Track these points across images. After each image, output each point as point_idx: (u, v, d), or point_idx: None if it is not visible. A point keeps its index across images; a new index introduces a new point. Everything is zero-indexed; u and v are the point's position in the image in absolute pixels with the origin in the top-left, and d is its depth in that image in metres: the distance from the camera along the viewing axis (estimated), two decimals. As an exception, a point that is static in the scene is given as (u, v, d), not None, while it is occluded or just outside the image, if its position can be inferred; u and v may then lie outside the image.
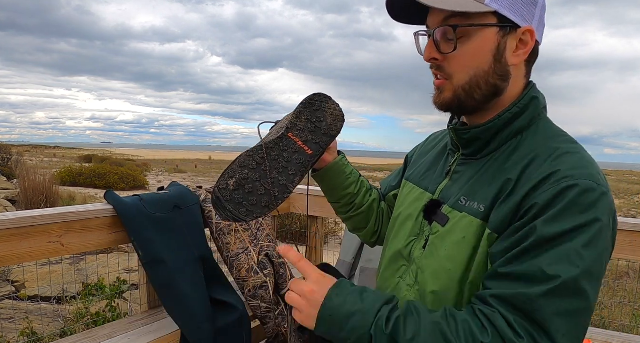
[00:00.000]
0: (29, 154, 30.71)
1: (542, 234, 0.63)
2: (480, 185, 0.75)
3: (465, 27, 0.71)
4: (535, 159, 0.70)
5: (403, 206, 0.92)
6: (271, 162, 0.82)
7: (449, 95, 0.75)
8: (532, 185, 0.67)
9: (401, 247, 0.86)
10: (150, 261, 1.59)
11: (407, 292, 0.82)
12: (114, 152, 56.06)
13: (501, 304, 0.64)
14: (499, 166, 0.75)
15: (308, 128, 0.86)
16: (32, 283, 3.35)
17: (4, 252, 1.33)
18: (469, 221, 0.73)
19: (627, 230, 1.75)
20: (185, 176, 20.81)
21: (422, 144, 1.06)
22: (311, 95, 0.89)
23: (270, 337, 1.84)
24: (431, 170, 0.91)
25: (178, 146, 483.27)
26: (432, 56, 0.75)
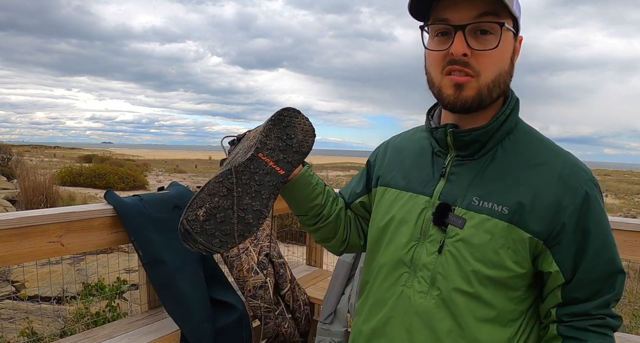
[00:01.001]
0: (29, 154, 30.72)
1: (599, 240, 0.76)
2: (490, 186, 0.78)
3: (504, 26, 0.73)
4: (546, 164, 0.78)
5: (391, 212, 0.88)
6: (242, 187, 0.77)
7: (472, 93, 0.75)
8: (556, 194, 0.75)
9: (401, 254, 0.84)
10: (150, 261, 1.59)
11: (421, 299, 0.80)
12: (114, 152, 56.05)
13: (607, 312, 0.77)
14: (505, 167, 0.79)
15: (279, 147, 0.81)
16: (32, 283, 3.35)
17: (4, 252, 1.33)
18: (494, 223, 0.75)
19: (627, 230, 1.75)
20: (185, 176, 20.81)
21: (384, 148, 1.03)
22: (280, 111, 0.83)
23: (270, 337, 1.84)
24: (414, 172, 0.89)
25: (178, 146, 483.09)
26: (465, 51, 0.73)
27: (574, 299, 0.76)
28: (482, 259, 0.75)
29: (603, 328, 0.75)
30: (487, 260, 0.75)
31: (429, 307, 0.79)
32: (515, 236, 0.74)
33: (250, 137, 0.87)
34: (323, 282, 2.29)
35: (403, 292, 0.83)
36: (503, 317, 0.77)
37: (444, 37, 0.76)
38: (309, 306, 2.07)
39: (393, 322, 0.83)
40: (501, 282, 0.76)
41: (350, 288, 1.99)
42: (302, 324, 2.00)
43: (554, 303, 0.78)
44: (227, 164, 0.81)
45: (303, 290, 2.09)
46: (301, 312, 2.00)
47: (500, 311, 0.77)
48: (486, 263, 0.75)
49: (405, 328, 0.81)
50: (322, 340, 1.98)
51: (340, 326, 1.95)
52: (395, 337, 0.82)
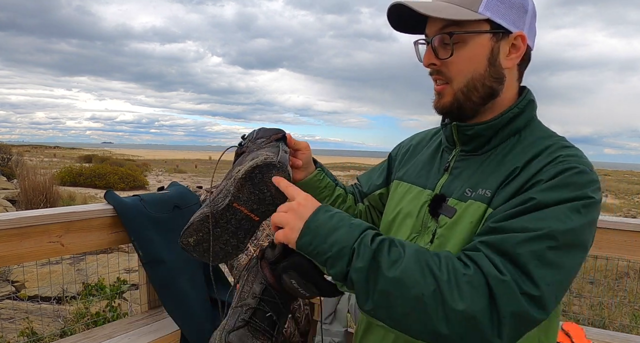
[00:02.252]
0: (29, 154, 30.72)
1: (538, 200, 0.67)
2: (484, 176, 0.78)
3: (460, 34, 0.76)
4: (540, 154, 0.74)
5: (400, 205, 0.91)
6: (221, 228, 0.86)
7: (449, 99, 0.80)
8: (535, 170, 0.71)
9: None
10: (150, 261, 1.59)
11: None
12: (114, 152, 56.06)
13: (486, 247, 0.66)
14: (501, 159, 0.79)
15: (252, 199, 0.84)
16: (32, 283, 3.35)
17: (4, 252, 1.33)
18: (477, 206, 0.75)
19: (627, 230, 1.75)
20: (185, 176, 20.81)
21: (407, 143, 1.06)
22: (250, 169, 0.82)
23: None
24: (425, 168, 0.92)
25: (178, 146, 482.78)
26: (431, 61, 0.80)
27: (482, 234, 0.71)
28: (462, 244, 0.74)
29: (470, 257, 0.66)
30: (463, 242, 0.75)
31: None
32: (487, 213, 0.73)
33: (231, 175, 0.87)
34: (323, 282, 2.29)
35: None
36: None
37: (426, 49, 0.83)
38: (309, 306, 2.08)
39: None
40: None
41: (350, 288, 1.99)
42: (302, 324, 2.00)
43: None
44: (210, 202, 0.86)
45: (303, 290, 2.09)
46: (301, 312, 2.00)
47: None
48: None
49: None
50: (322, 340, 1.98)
51: (340, 326, 1.95)
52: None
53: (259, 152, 0.87)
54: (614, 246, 1.77)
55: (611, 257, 1.94)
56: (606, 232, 1.77)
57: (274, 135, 0.93)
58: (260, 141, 0.92)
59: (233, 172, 0.87)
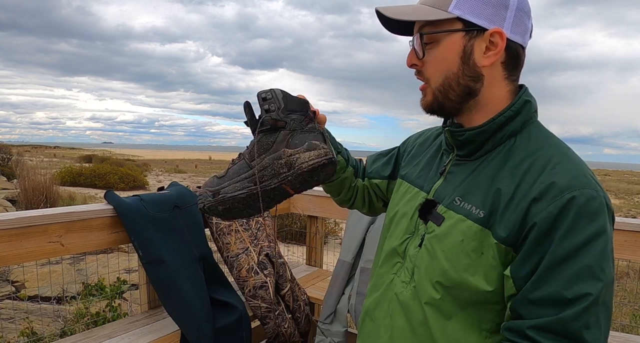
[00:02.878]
0: (29, 154, 30.69)
1: (559, 253, 0.64)
2: (474, 187, 0.76)
3: (431, 34, 0.77)
4: (531, 168, 0.71)
5: (399, 205, 0.93)
6: (262, 201, 0.89)
7: (430, 97, 0.81)
8: (532, 197, 0.68)
9: (396, 244, 0.88)
10: (150, 261, 1.59)
11: (402, 288, 0.84)
12: (114, 152, 56.04)
13: (541, 334, 0.65)
14: (494, 171, 0.76)
15: (301, 183, 0.88)
16: (32, 283, 3.35)
17: (4, 252, 1.33)
18: (468, 225, 0.74)
19: (627, 230, 1.75)
20: (185, 176, 20.80)
21: (414, 140, 1.06)
22: (317, 165, 0.85)
23: (270, 337, 1.84)
24: (426, 169, 0.92)
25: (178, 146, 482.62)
26: (412, 62, 0.82)
27: (515, 312, 0.68)
28: (451, 259, 0.74)
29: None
30: (456, 262, 0.73)
31: (406, 296, 0.82)
32: (487, 242, 0.71)
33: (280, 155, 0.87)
34: (323, 282, 2.29)
35: (393, 279, 0.87)
36: (477, 325, 0.75)
37: None
38: (309, 306, 2.08)
39: (381, 305, 0.89)
40: (472, 290, 0.73)
41: (350, 288, 1.99)
42: (302, 324, 2.00)
43: (509, 308, 0.70)
44: (254, 180, 0.88)
45: (303, 290, 2.09)
46: (301, 312, 2.00)
47: (474, 319, 0.75)
48: (455, 265, 0.74)
49: (389, 314, 0.86)
50: (322, 340, 1.98)
51: (340, 326, 1.95)
52: (380, 320, 0.88)
53: (308, 138, 0.88)
54: (614, 246, 1.77)
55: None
56: (606, 232, 1.77)
57: (310, 113, 0.92)
58: (297, 117, 0.90)
59: (284, 153, 0.86)
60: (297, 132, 0.88)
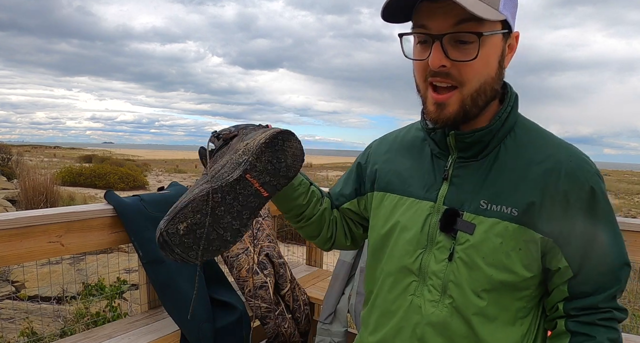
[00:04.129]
0: (29, 154, 30.70)
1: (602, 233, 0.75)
2: (499, 187, 0.75)
3: (474, 34, 0.68)
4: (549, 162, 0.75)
5: (392, 220, 0.85)
6: (226, 206, 0.77)
7: (455, 108, 0.72)
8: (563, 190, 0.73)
9: (408, 262, 0.80)
10: (150, 261, 1.59)
11: (433, 308, 0.77)
12: (114, 152, 56.05)
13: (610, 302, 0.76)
14: (511, 168, 0.76)
15: (267, 169, 0.79)
16: (32, 283, 3.35)
17: (4, 252, 1.33)
18: (504, 226, 0.73)
19: (627, 230, 1.75)
20: (185, 176, 20.80)
21: (375, 150, 0.98)
22: (274, 134, 0.79)
23: (270, 337, 1.84)
24: (415, 177, 0.85)
25: (178, 146, 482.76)
26: (442, 63, 0.69)
27: (580, 293, 0.75)
28: (494, 264, 0.73)
29: (610, 321, 0.75)
30: (499, 265, 0.73)
31: (442, 316, 0.76)
32: (526, 237, 0.73)
33: (236, 149, 0.82)
34: (323, 282, 2.29)
35: (413, 301, 0.80)
36: (514, 316, 0.77)
37: (424, 45, 0.72)
38: (309, 306, 2.07)
39: (404, 333, 0.81)
40: (512, 285, 0.75)
41: (350, 288, 1.99)
42: (302, 324, 2.00)
43: (561, 297, 0.77)
44: (211, 178, 0.78)
45: (303, 290, 2.09)
46: (301, 312, 2.00)
47: (511, 312, 0.76)
48: (498, 268, 0.73)
49: (417, 339, 0.79)
50: (322, 340, 1.98)
51: (340, 326, 1.95)
52: None
53: (260, 131, 0.83)
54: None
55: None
56: (606, 232, 1.77)
57: (260, 126, 0.89)
58: (249, 125, 0.88)
59: (239, 146, 0.81)
60: (249, 130, 0.85)
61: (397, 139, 0.94)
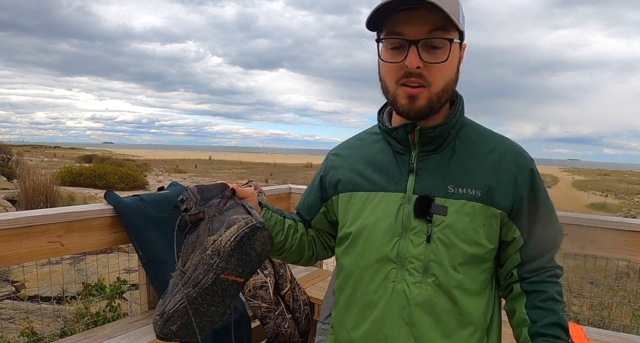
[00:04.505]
0: (29, 154, 30.71)
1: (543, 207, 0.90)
2: (462, 174, 0.87)
3: (443, 39, 0.81)
4: (504, 156, 0.89)
5: (363, 215, 0.90)
6: (208, 303, 0.83)
7: (424, 102, 0.83)
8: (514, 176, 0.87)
9: (386, 251, 0.86)
10: (150, 261, 1.59)
11: (417, 289, 0.84)
12: (114, 152, 56.07)
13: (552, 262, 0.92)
14: (468, 157, 0.89)
15: (239, 265, 0.82)
16: (32, 283, 3.35)
17: (4, 252, 1.33)
18: (471, 206, 0.85)
19: (627, 230, 1.75)
20: (185, 176, 20.81)
21: (332, 160, 1.03)
22: (240, 238, 0.80)
23: (270, 337, 1.85)
24: (380, 174, 0.92)
25: (178, 146, 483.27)
26: (419, 64, 0.80)
27: (530, 258, 0.89)
28: (466, 240, 0.84)
29: (554, 277, 0.90)
30: (470, 240, 0.84)
31: (427, 294, 0.83)
32: (489, 214, 0.85)
33: (205, 246, 0.83)
34: (323, 282, 2.29)
35: (395, 287, 0.85)
36: (481, 286, 0.88)
37: (398, 50, 0.82)
38: (309, 306, 2.08)
39: (389, 320, 0.85)
40: (480, 257, 0.86)
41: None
42: (302, 324, 2.00)
43: (514, 264, 0.90)
44: (187, 282, 0.83)
45: (303, 290, 2.09)
46: (301, 312, 2.00)
47: (479, 282, 0.87)
48: (469, 243, 0.84)
49: (405, 322, 0.84)
50: (322, 340, 1.97)
51: (340, 326, 1.95)
52: (395, 334, 0.85)
53: (227, 216, 0.84)
54: (614, 246, 1.77)
55: (611, 257, 1.95)
56: (606, 232, 1.77)
57: (226, 192, 0.89)
58: (215, 202, 0.87)
59: (207, 243, 0.82)
60: (215, 216, 0.85)
61: (354, 145, 1.02)
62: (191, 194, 0.88)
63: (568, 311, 3.44)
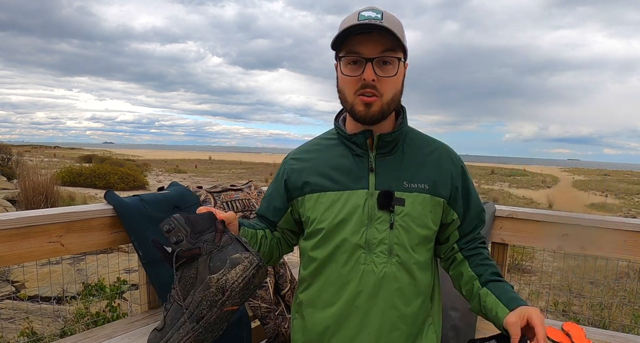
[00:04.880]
0: (29, 154, 30.68)
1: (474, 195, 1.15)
2: (412, 172, 1.06)
3: (393, 58, 0.99)
4: (442, 156, 1.11)
5: (334, 211, 1.04)
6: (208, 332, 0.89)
7: (377, 109, 1.01)
8: (450, 171, 1.10)
9: (356, 239, 1.03)
10: (150, 261, 1.59)
11: (384, 268, 1.02)
12: (114, 152, 56.02)
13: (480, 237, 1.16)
14: (415, 158, 1.08)
15: (241, 298, 0.88)
16: (32, 283, 3.35)
17: (4, 252, 1.33)
18: (422, 197, 1.05)
19: (627, 230, 1.75)
20: (185, 176, 20.81)
21: (291, 166, 1.14)
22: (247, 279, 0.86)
23: (270, 337, 1.84)
24: (341, 175, 1.07)
25: (178, 146, 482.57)
26: (374, 77, 0.98)
27: (465, 233, 1.13)
28: (420, 224, 1.04)
29: (484, 243, 1.15)
30: (422, 224, 1.04)
31: (392, 271, 1.02)
32: (434, 202, 1.06)
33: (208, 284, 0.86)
34: (323, 282, 2.29)
35: (364, 269, 1.03)
36: (427, 262, 1.09)
37: (355, 66, 1.00)
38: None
39: (361, 295, 1.03)
40: (428, 238, 1.07)
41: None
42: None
43: (455, 240, 1.13)
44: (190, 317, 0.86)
45: (303, 290, 2.09)
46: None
47: (427, 259, 1.08)
48: (422, 227, 1.04)
49: (374, 296, 1.02)
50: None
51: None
52: (366, 306, 1.03)
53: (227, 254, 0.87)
54: (614, 246, 1.77)
55: (611, 257, 1.95)
56: (606, 232, 1.77)
57: (218, 226, 0.91)
58: (209, 237, 0.89)
59: (210, 281, 0.84)
60: (214, 253, 0.86)
61: (311, 149, 1.16)
62: (179, 225, 0.88)
63: (568, 311, 3.44)
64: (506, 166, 55.01)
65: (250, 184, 2.32)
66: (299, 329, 1.15)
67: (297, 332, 1.16)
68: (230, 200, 2.06)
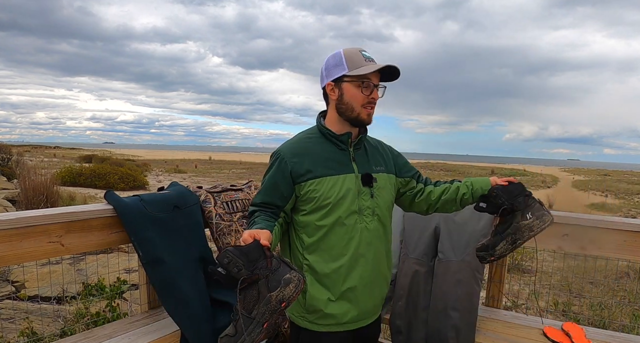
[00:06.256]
0: (29, 154, 30.67)
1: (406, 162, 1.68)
2: (374, 160, 1.53)
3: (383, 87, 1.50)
4: (384, 148, 1.63)
5: (334, 190, 1.42)
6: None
7: (372, 117, 1.48)
8: (392, 155, 1.63)
9: (353, 207, 1.43)
10: (150, 261, 1.59)
11: (369, 223, 1.46)
12: (114, 152, 55.98)
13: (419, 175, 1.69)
14: (373, 151, 1.56)
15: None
16: (32, 283, 3.35)
17: (4, 252, 1.33)
18: (385, 176, 1.53)
19: (627, 230, 1.75)
20: (185, 176, 20.81)
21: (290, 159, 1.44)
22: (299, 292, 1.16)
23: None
24: (334, 163, 1.44)
25: (178, 146, 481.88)
26: (379, 97, 1.48)
27: (418, 178, 1.65)
28: (388, 193, 1.53)
29: (426, 179, 1.69)
30: (389, 193, 1.54)
31: (375, 226, 1.48)
32: (391, 178, 1.56)
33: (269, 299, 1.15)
34: (323, 282, 2.29)
35: (360, 227, 1.44)
36: (390, 217, 1.56)
37: (367, 88, 1.42)
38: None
39: (362, 244, 1.44)
40: (392, 201, 1.56)
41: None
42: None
43: (418, 185, 1.64)
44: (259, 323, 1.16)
45: (303, 290, 2.09)
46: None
47: (390, 215, 1.56)
48: (389, 195, 1.54)
49: (370, 244, 1.46)
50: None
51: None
52: (366, 252, 1.45)
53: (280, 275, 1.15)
54: (614, 246, 1.77)
55: (611, 257, 1.95)
56: (606, 232, 1.77)
57: (267, 253, 1.16)
58: (262, 264, 1.14)
59: (270, 297, 1.14)
60: (270, 276, 1.14)
61: (304, 146, 1.48)
62: (235, 257, 1.12)
63: (568, 311, 3.44)
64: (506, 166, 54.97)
65: (250, 184, 2.32)
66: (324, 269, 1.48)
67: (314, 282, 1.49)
68: (230, 200, 2.06)
